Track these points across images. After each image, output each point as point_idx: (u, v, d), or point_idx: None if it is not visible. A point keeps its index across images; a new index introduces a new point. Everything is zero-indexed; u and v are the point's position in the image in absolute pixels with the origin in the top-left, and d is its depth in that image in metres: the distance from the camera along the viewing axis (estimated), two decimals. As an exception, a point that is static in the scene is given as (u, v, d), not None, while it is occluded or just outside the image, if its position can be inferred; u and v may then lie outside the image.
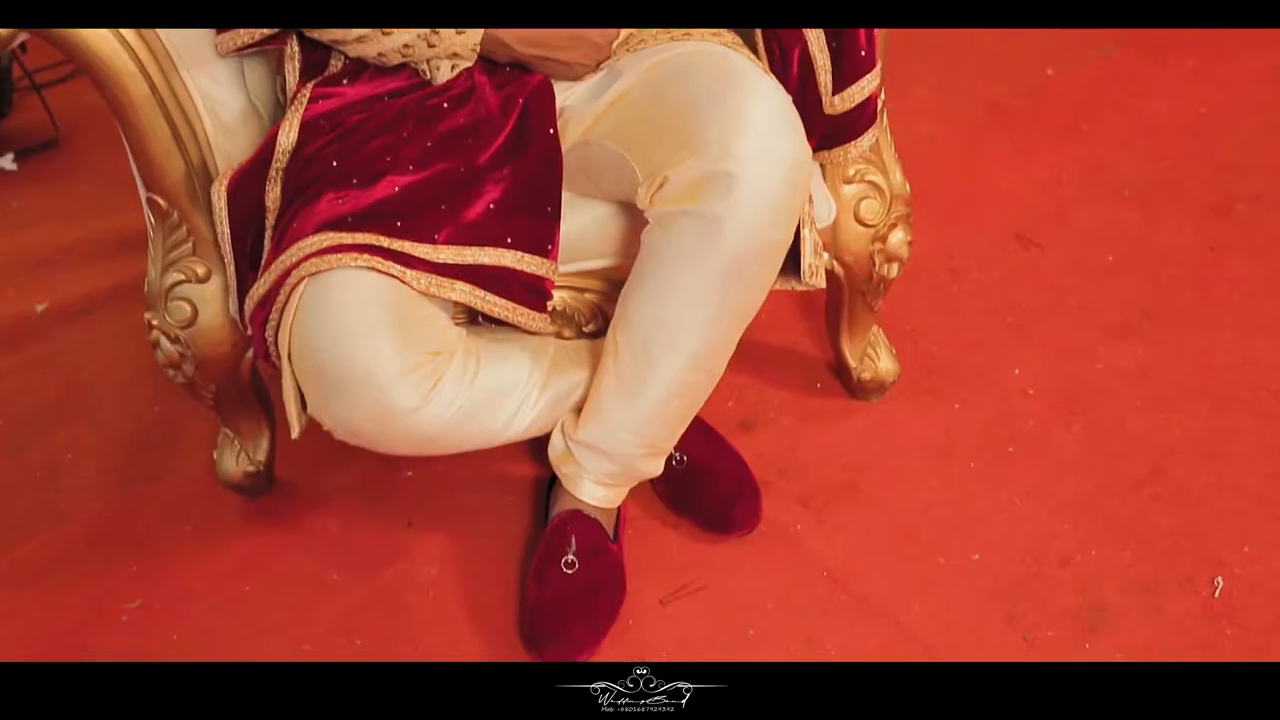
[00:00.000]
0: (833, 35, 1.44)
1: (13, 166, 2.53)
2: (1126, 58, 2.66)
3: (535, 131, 1.39)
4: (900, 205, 1.63)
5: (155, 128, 1.41)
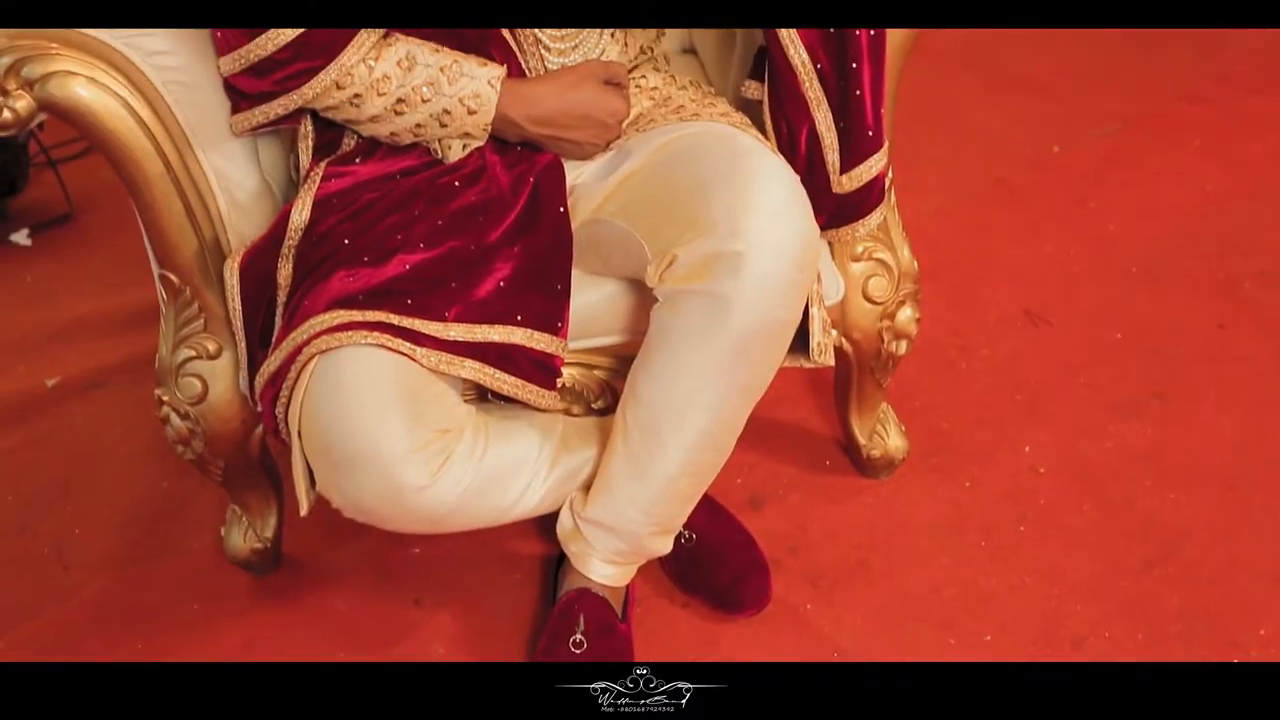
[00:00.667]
0: (840, 115, 1.45)
1: (27, 241, 2.55)
2: (1132, 136, 2.69)
3: (546, 210, 1.40)
4: (908, 283, 1.63)
5: (169, 205, 1.42)
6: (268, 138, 1.52)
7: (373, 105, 1.38)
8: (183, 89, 1.39)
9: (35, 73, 1.29)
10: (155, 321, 1.51)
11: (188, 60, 1.39)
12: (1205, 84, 2.88)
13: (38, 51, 1.29)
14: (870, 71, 1.43)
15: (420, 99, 1.38)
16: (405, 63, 1.37)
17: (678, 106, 1.48)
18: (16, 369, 2.17)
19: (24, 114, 1.30)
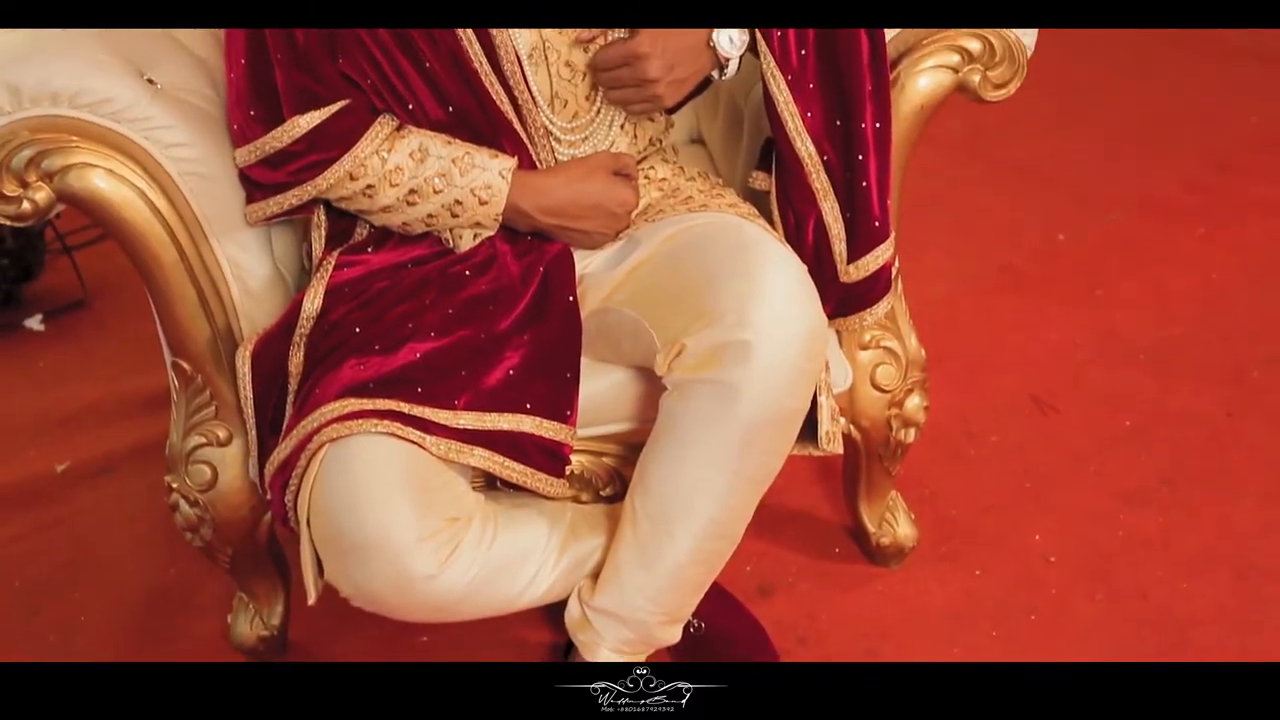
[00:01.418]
0: (846, 205, 1.47)
1: (40, 327, 2.57)
2: (1136, 224, 2.71)
3: (555, 299, 1.41)
4: (916, 370, 1.64)
5: (183, 294, 1.44)
6: (281, 226, 1.54)
7: (386, 196, 1.40)
8: (199, 180, 1.41)
9: (55, 165, 1.32)
10: (166, 407, 1.52)
11: (204, 152, 1.41)
12: (1207, 172, 2.90)
13: (58, 144, 1.32)
14: (876, 163, 1.45)
15: (432, 190, 1.40)
16: (418, 154, 1.39)
17: (686, 197, 1.50)
18: (27, 454, 2.18)
19: (43, 205, 1.33)
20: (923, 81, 1.49)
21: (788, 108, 1.43)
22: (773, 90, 1.42)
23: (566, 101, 1.45)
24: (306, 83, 1.36)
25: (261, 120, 1.38)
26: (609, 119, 1.48)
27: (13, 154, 1.30)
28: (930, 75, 1.49)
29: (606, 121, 1.48)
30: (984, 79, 1.49)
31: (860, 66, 1.43)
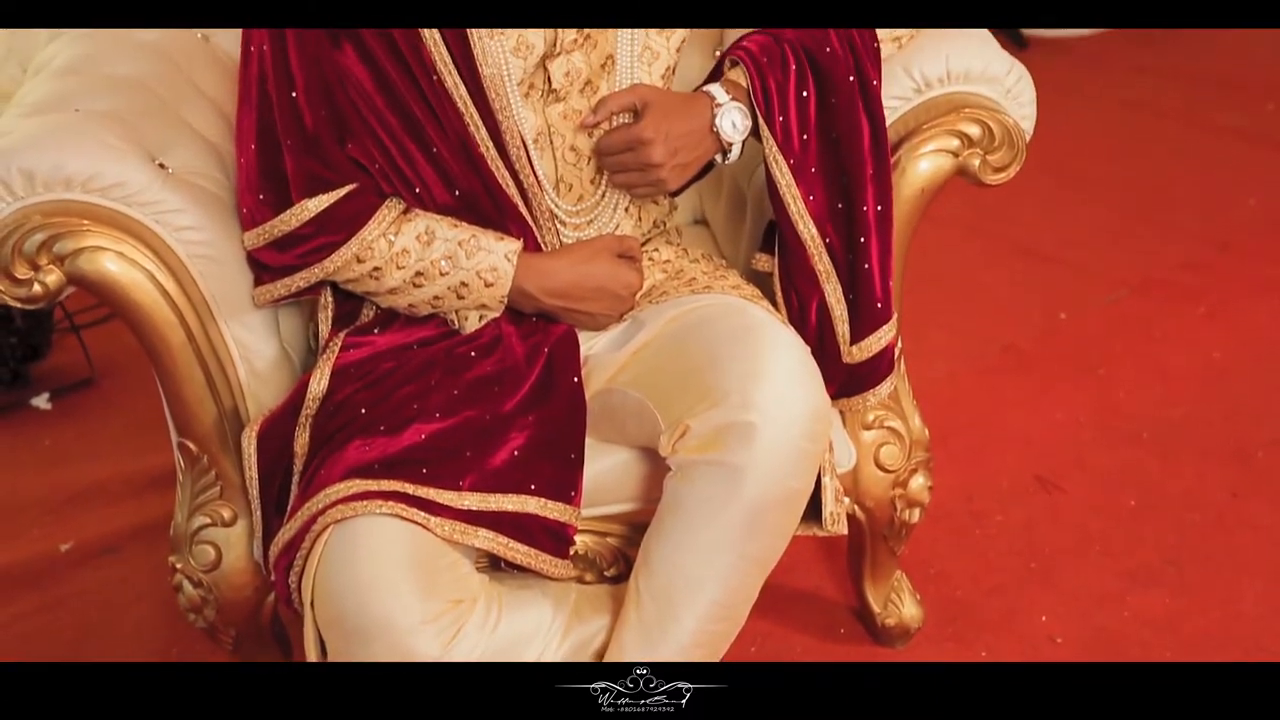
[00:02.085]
0: (849, 287, 1.49)
1: (47, 406, 2.58)
2: (1138, 304, 2.72)
3: (560, 380, 1.42)
4: (920, 450, 1.64)
5: (190, 375, 1.45)
6: (288, 307, 1.55)
7: (392, 278, 1.42)
8: (207, 262, 1.43)
9: (66, 248, 1.34)
10: (172, 486, 1.52)
11: (213, 235, 1.43)
12: (1207, 252, 2.92)
13: (70, 228, 1.34)
14: (878, 245, 1.47)
15: (439, 272, 1.42)
16: (424, 237, 1.41)
17: (690, 279, 1.51)
18: (31, 533, 2.18)
19: (54, 288, 1.34)
20: (923, 165, 1.51)
21: (790, 191, 1.45)
22: (775, 174, 1.44)
23: (571, 185, 1.47)
24: (315, 167, 1.38)
25: (270, 204, 1.40)
26: (613, 202, 1.50)
27: (25, 238, 1.32)
28: (930, 159, 1.51)
29: (611, 204, 1.50)
30: (984, 163, 1.51)
31: (861, 150, 1.45)
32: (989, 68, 1.50)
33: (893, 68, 1.50)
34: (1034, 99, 1.54)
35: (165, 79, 1.57)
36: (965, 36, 1.53)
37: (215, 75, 1.66)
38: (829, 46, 1.43)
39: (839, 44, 1.43)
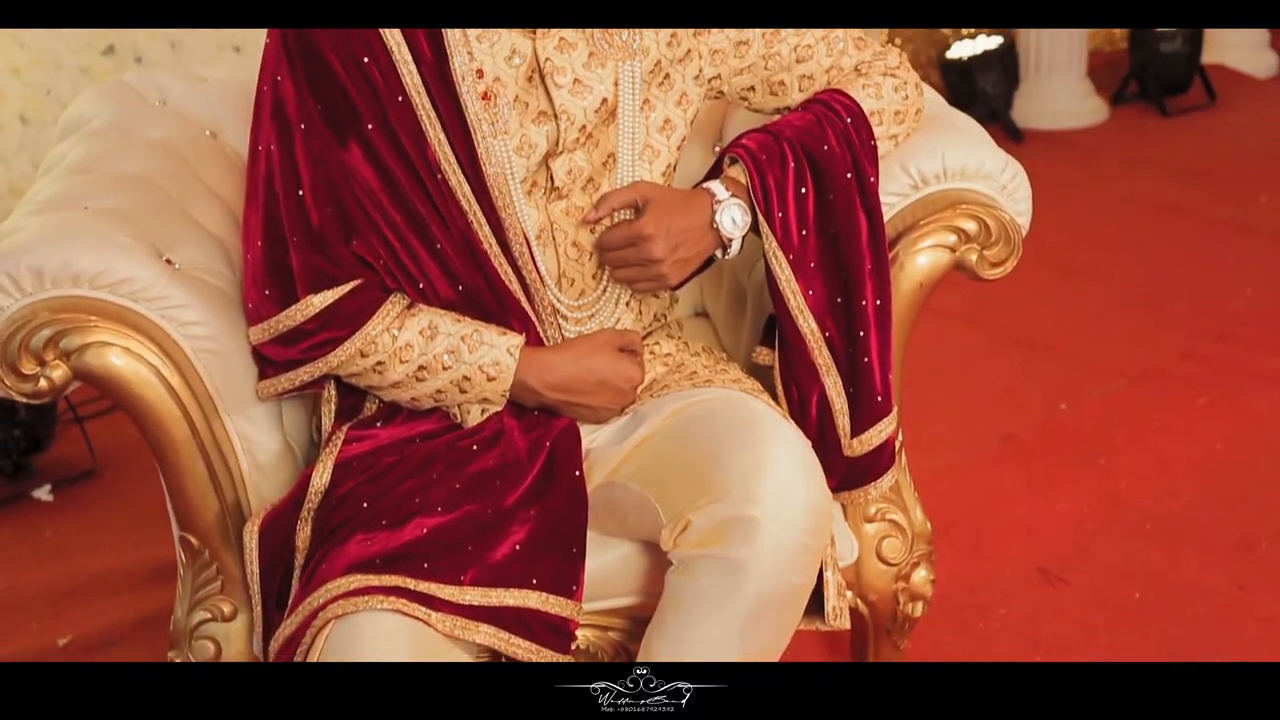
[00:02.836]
0: (849, 381, 1.50)
1: (49, 497, 2.58)
2: (1137, 393, 2.73)
3: (561, 474, 1.43)
4: (922, 543, 1.64)
5: (193, 469, 1.46)
6: (291, 401, 1.56)
7: (395, 372, 1.43)
8: (212, 356, 1.44)
9: (73, 344, 1.35)
10: (172, 579, 1.52)
11: (218, 329, 1.44)
12: (1205, 341, 2.94)
13: (77, 324, 1.35)
14: (877, 339, 1.48)
15: (441, 366, 1.43)
16: (428, 331, 1.42)
17: (691, 372, 1.52)
18: (29, 626, 2.16)
19: (59, 384, 1.35)
20: (921, 260, 1.53)
21: (789, 286, 1.46)
22: (775, 269, 1.46)
23: (574, 280, 1.49)
24: (320, 263, 1.40)
25: (276, 299, 1.41)
26: (615, 296, 1.52)
27: (32, 333, 1.33)
28: (928, 254, 1.53)
29: (612, 299, 1.52)
30: (981, 258, 1.53)
31: (860, 246, 1.47)
32: (984, 164, 1.53)
33: (890, 164, 1.52)
34: (1029, 195, 1.56)
35: (173, 176, 1.60)
36: (960, 134, 1.56)
37: (223, 172, 1.69)
38: (826, 144, 1.45)
39: (836, 142, 1.46)
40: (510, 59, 1.40)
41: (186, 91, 1.78)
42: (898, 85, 1.52)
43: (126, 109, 1.72)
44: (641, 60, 1.44)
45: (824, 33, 1.51)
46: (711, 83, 1.51)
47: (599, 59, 1.42)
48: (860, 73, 1.52)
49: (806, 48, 1.50)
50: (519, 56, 1.40)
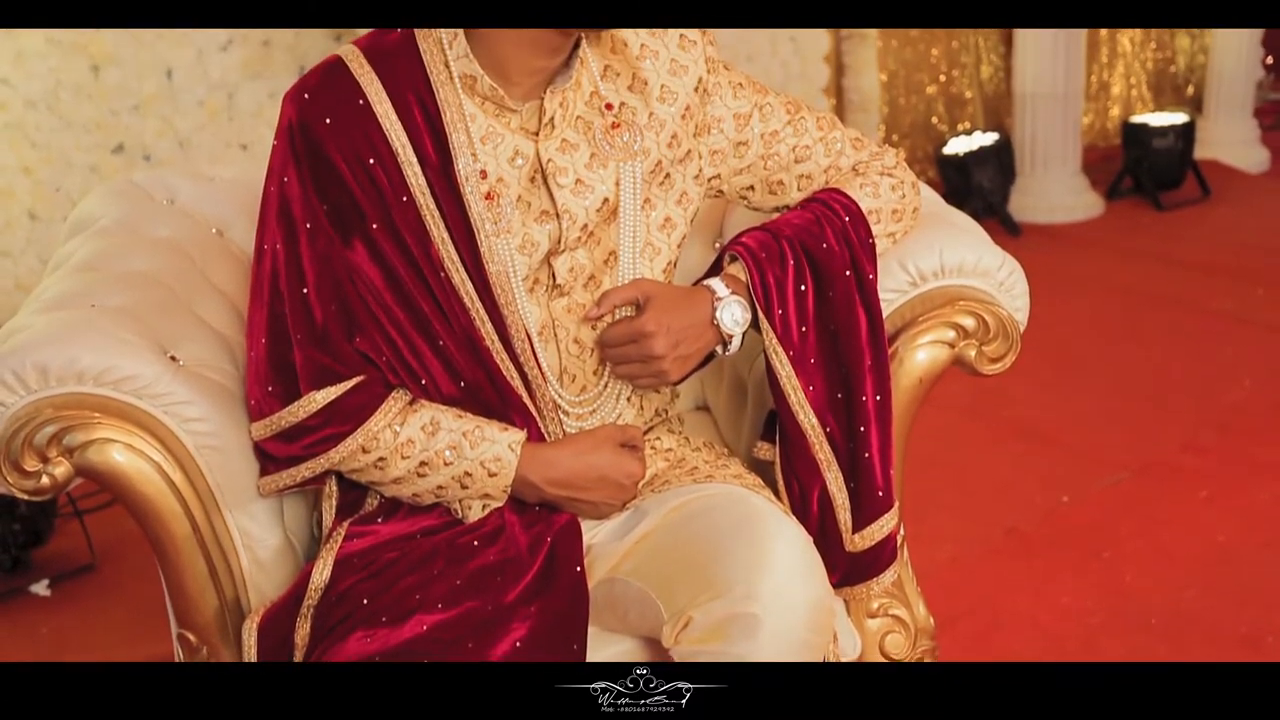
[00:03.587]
0: (850, 476, 1.50)
1: (46, 592, 2.57)
2: (1140, 485, 2.72)
3: (562, 569, 1.42)
4: (925, 639, 1.63)
5: (193, 565, 1.45)
6: (292, 496, 1.56)
7: (397, 468, 1.43)
8: (214, 453, 1.45)
9: (76, 440, 1.36)
10: (170, 676, 1.51)
11: (220, 425, 1.45)
12: (1206, 433, 2.94)
13: (80, 420, 1.36)
14: (878, 434, 1.49)
15: (443, 462, 1.43)
16: (429, 428, 1.43)
17: (692, 468, 1.52)
18: (23, 725, 2.14)
19: (61, 480, 1.36)
20: (921, 355, 1.54)
21: (790, 381, 1.47)
22: (775, 365, 1.47)
23: (575, 376, 1.50)
24: (324, 360, 1.41)
25: (279, 396, 1.42)
26: (616, 392, 1.53)
27: (36, 430, 1.34)
28: (928, 350, 1.54)
29: (614, 395, 1.52)
30: (980, 353, 1.54)
31: (859, 342, 1.48)
32: (981, 261, 1.55)
33: (888, 262, 1.54)
34: (1026, 291, 1.58)
35: (180, 273, 1.62)
36: (958, 231, 1.58)
37: (228, 269, 1.71)
38: (825, 242, 1.47)
39: (835, 240, 1.48)
40: (513, 160, 1.42)
41: (194, 190, 1.80)
42: (895, 184, 1.54)
43: (135, 207, 1.74)
44: (642, 161, 1.46)
45: (822, 134, 1.54)
46: (711, 182, 1.54)
47: (600, 159, 1.45)
48: (858, 172, 1.55)
49: (804, 148, 1.53)
50: (522, 157, 1.42)
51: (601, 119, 1.45)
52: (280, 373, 1.42)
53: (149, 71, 3.20)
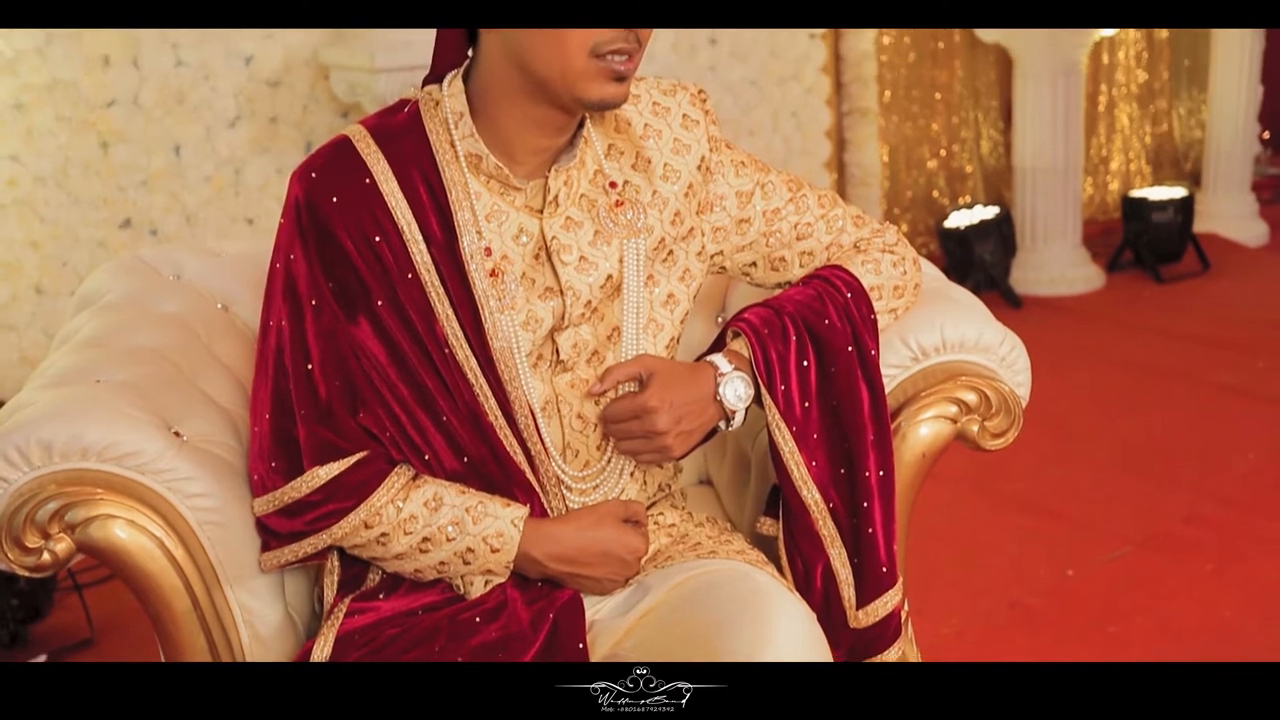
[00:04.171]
0: (853, 552, 1.49)
1: (44, 668, 2.55)
2: (1143, 559, 2.71)
3: (565, 645, 1.41)
4: (931, 717, 1.61)
5: (193, 641, 1.45)
6: (294, 572, 1.56)
7: (399, 544, 1.43)
8: (216, 528, 1.44)
9: (79, 517, 1.36)
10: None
11: (223, 501, 1.45)
12: (1209, 506, 2.93)
13: (83, 497, 1.36)
14: (881, 510, 1.48)
15: (445, 538, 1.43)
16: (432, 503, 1.43)
17: (695, 543, 1.52)
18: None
19: (63, 557, 1.36)
20: (923, 431, 1.55)
21: (793, 457, 1.47)
22: (778, 440, 1.47)
23: (578, 452, 1.50)
24: (328, 436, 1.41)
25: (282, 471, 1.43)
26: (619, 467, 1.53)
27: (38, 507, 1.34)
28: (930, 425, 1.54)
29: (616, 470, 1.52)
30: (982, 429, 1.54)
31: (862, 417, 1.48)
32: (983, 337, 1.55)
33: (890, 337, 1.55)
34: (1028, 366, 1.58)
35: (185, 349, 1.63)
36: (959, 307, 1.59)
37: (233, 344, 1.71)
38: (827, 319, 1.48)
39: (837, 316, 1.49)
40: (518, 237, 1.43)
41: (200, 266, 1.82)
42: (896, 261, 1.56)
43: (141, 283, 1.76)
44: (646, 238, 1.47)
45: (823, 211, 1.55)
46: (714, 258, 1.55)
47: (604, 237, 1.46)
48: (859, 249, 1.56)
49: (806, 225, 1.54)
50: (526, 235, 1.44)
51: (605, 197, 1.46)
52: (284, 448, 1.42)
53: (157, 147, 3.23)
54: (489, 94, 1.40)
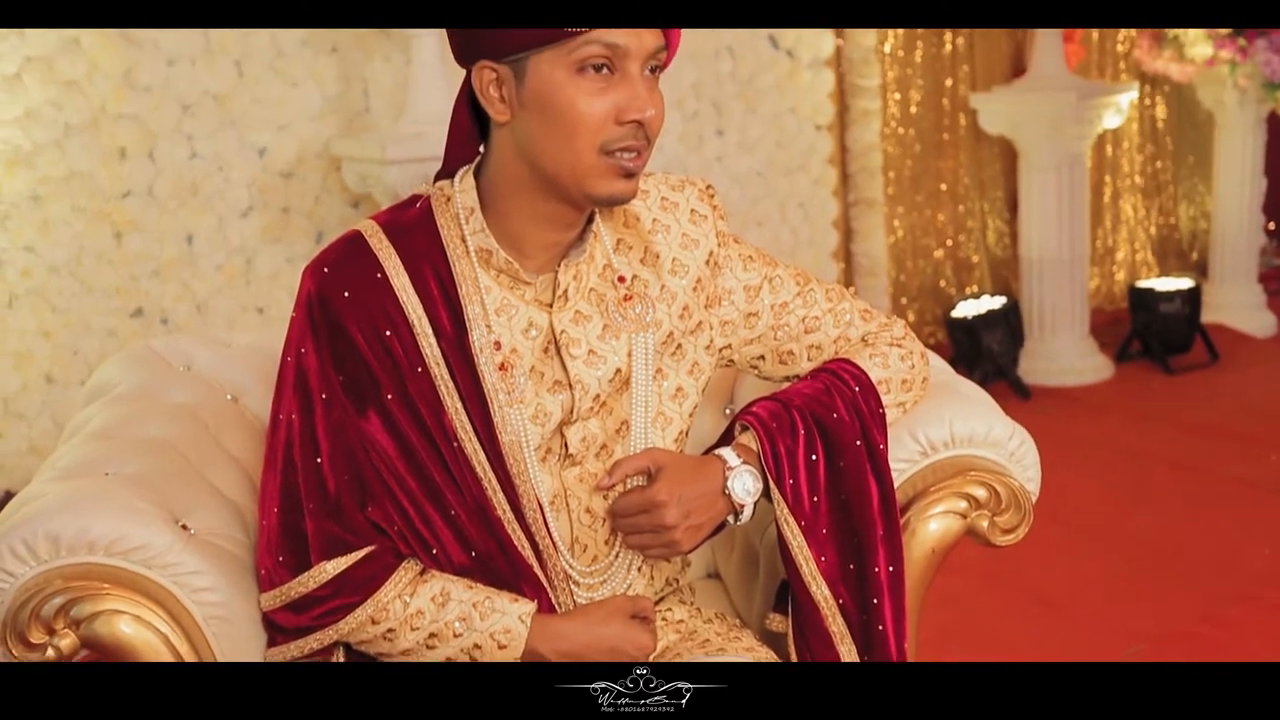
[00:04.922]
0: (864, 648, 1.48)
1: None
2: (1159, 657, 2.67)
3: None
4: (944, 820, 1.58)
5: (196, 738, 1.42)
6: (300, 662, 1.54)
7: (406, 639, 1.42)
8: (221, 623, 1.44)
9: (84, 612, 1.35)
10: None
11: (229, 595, 1.44)
12: (1226, 604, 2.89)
13: (89, 591, 1.35)
14: (891, 606, 1.47)
15: (452, 633, 1.42)
16: (439, 598, 1.42)
17: (703, 640, 1.51)
18: None
19: (67, 653, 1.35)
20: (933, 526, 1.54)
21: (802, 552, 1.46)
22: (786, 535, 1.46)
23: (586, 546, 1.49)
24: (335, 530, 1.41)
25: (290, 565, 1.42)
26: (627, 562, 1.52)
27: (44, 602, 1.33)
28: (940, 520, 1.54)
29: (624, 564, 1.52)
30: (992, 524, 1.53)
31: (871, 512, 1.47)
32: (992, 432, 1.55)
33: (898, 431, 1.55)
34: (1037, 461, 1.58)
35: (194, 441, 1.63)
36: (968, 402, 1.59)
37: (242, 436, 1.72)
38: (836, 412, 1.48)
39: (845, 410, 1.48)
40: (527, 331, 1.44)
41: (210, 357, 1.83)
42: (904, 354, 1.56)
43: (151, 374, 1.76)
44: (654, 332, 1.48)
45: (831, 305, 1.56)
46: (722, 352, 1.55)
47: (613, 331, 1.46)
48: (867, 343, 1.56)
49: (814, 319, 1.55)
50: (535, 329, 1.44)
51: (614, 291, 1.47)
52: (292, 542, 1.42)
53: (170, 237, 3.26)
54: (500, 189, 1.41)
